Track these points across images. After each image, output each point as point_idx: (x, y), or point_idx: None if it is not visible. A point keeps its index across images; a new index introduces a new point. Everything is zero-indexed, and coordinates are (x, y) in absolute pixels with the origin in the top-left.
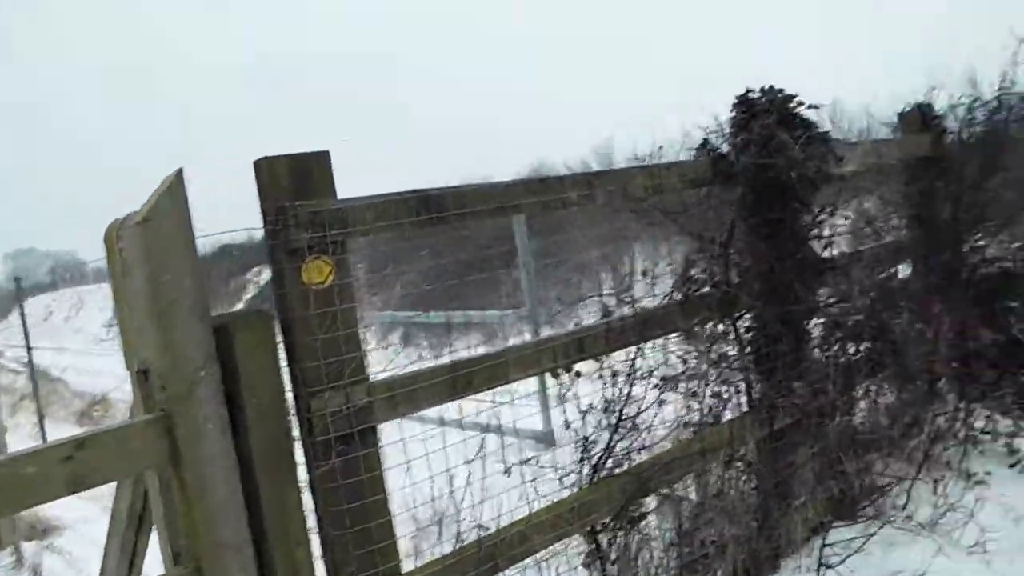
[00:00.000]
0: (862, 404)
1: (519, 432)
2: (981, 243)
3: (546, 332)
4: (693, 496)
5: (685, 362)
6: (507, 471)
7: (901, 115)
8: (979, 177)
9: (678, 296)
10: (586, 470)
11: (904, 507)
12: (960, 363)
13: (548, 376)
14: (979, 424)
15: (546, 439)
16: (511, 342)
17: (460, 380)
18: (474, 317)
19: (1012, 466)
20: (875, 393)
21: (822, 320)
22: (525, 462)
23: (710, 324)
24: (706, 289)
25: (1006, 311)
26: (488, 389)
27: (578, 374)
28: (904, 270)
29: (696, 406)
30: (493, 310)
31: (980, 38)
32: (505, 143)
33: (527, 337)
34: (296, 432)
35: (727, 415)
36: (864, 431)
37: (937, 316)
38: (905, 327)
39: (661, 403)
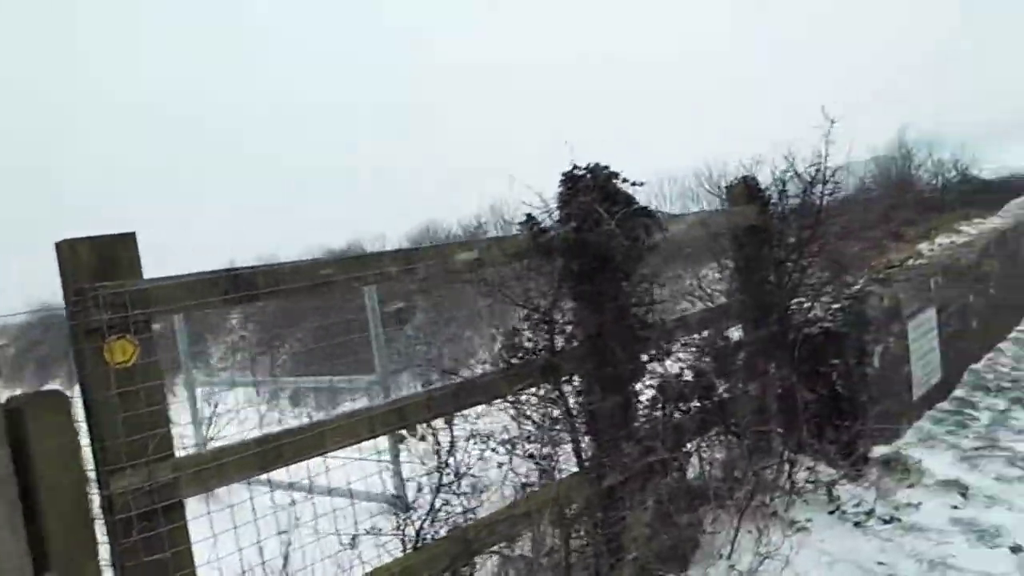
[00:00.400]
0: (693, 460)
1: (370, 495)
2: (805, 306)
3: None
4: (528, 554)
5: (521, 425)
6: (352, 540)
7: (728, 187)
8: (798, 245)
9: (502, 364)
10: (410, 534)
11: (728, 556)
12: (788, 418)
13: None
14: (803, 475)
15: (399, 503)
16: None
17: (270, 453)
18: (322, 383)
19: (831, 512)
20: (705, 449)
21: (652, 382)
22: (356, 537)
23: (537, 389)
24: (532, 356)
25: (829, 368)
26: (301, 460)
27: (402, 439)
28: (735, 332)
29: (524, 468)
30: (358, 375)
31: (797, 115)
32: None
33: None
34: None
35: (557, 475)
36: (695, 486)
37: (765, 374)
38: (733, 386)
39: (499, 465)
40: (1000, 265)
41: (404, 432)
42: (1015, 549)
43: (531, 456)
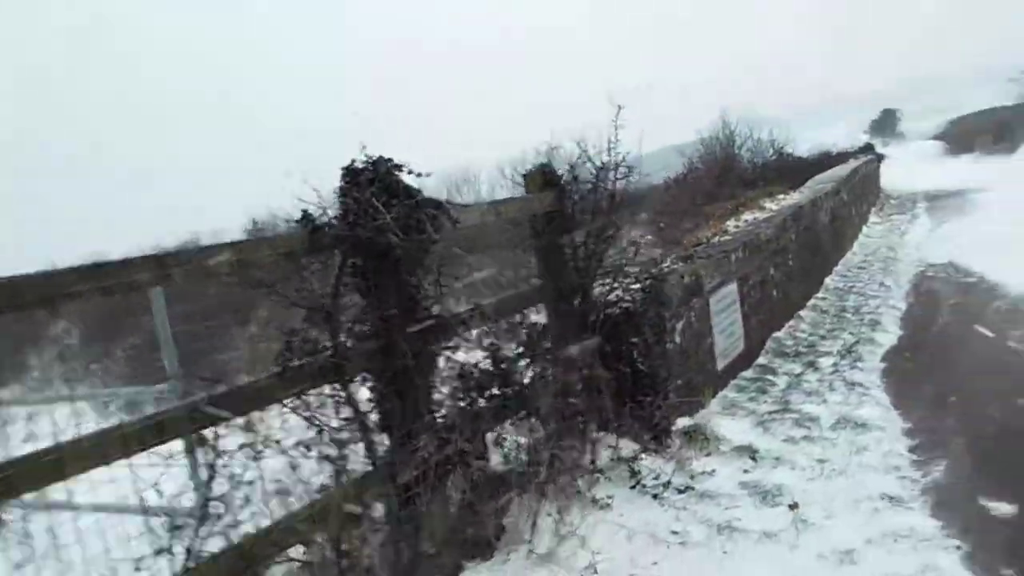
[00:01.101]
0: (499, 447)
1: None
2: (604, 287)
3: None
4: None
5: (311, 427)
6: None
7: (525, 175)
8: (595, 228)
9: (276, 368)
10: (180, 553)
11: (530, 540)
12: (592, 397)
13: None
14: (605, 453)
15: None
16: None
17: None
18: (121, 394)
19: (632, 487)
20: (508, 436)
21: (450, 374)
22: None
23: (322, 389)
24: (312, 357)
25: (629, 346)
26: (39, 489)
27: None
28: (539, 317)
29: (316, 471)
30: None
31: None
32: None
33: None
34: None
35: (348, 476)
36: (500, 473)
37: (569, 357)
38: (536, 370)
39: (292, 469)
40: (797, 238)
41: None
42: (792, 506)
43: (326, 458)
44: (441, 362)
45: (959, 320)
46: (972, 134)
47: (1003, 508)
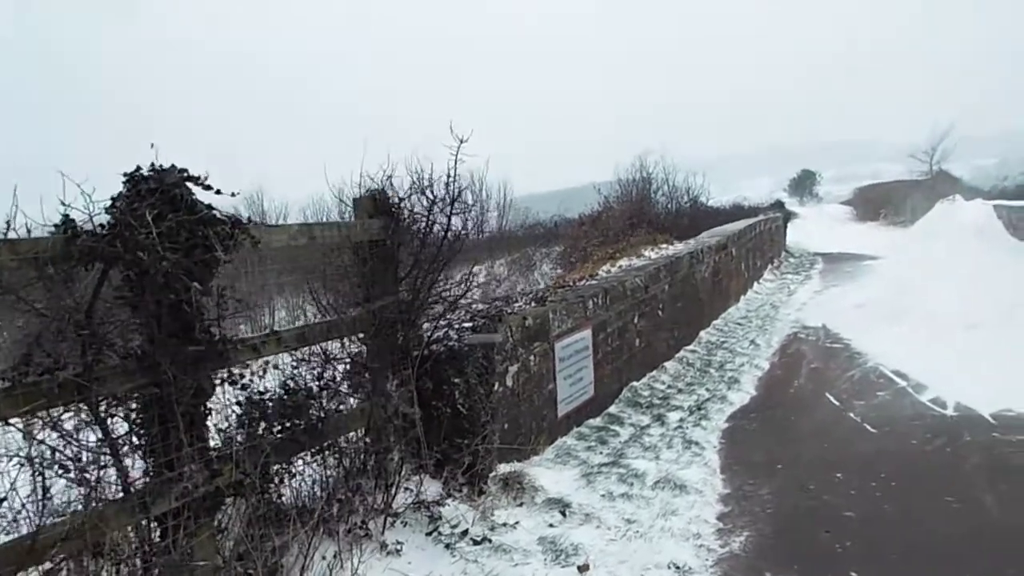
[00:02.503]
0: (286, 481)
1: None
2: (428, 324)
3: None
4: None
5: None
6: None
7: (355, 200)
8: (425, 261)
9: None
10: None
11: None
12: (406, 436)
13: None
14: (404, 496)
15: None
16: None
17: None
18: None
19: (429, 534)
20: (297, 470)
21: (239, 400)
22: None
23: (65, 409)
24: (51, 374)
25: (452, 387)
26: None
27: None
28: (353, 347)
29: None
30: None
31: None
32: None
33: None
34: None
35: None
36: (282, 509)
37: (382, 392)
38: (338, 405)
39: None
40: (670, 288)
41: None
42: (582, 568)
43: (78, 482)
44: (222, 388)
45: (813, 386)
46: (878, 203)
47: None
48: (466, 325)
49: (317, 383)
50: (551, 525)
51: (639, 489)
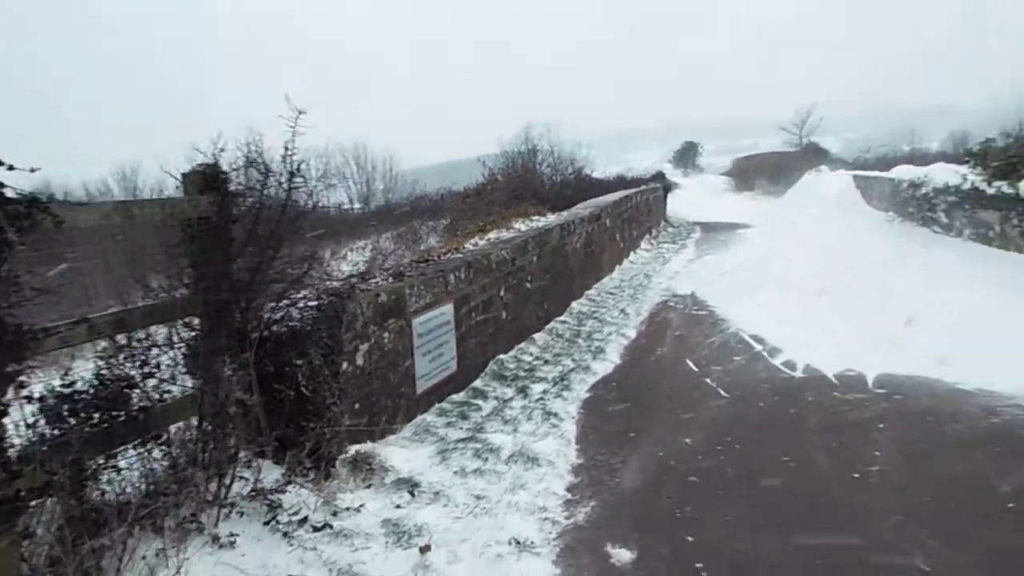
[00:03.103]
0: (108, 477)
1: None
2: (270, 303)
3: None
4: None
5: None
6: None
7: (184, 175)
8: (263, 238)
9: None
10: None
11: None
12: (247, 421)
13: None
14: (239, 485)
15: None
16: None
17: None
18: None
19: (267, 523)
20: (117, 464)
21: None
22: None
23: None
24: None
25: (295, 368)
26: None
27: None
28: (188, 332)
29: None
30: None
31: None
32: None
33: None
34: None
35: None
36: (98, 507)
37: (216, 377)
38: (158, 393)
39: None
40: (539, 260)
41: None
42: (424, 548)
43: None
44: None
45: (675, 353)
46: (754, 174)
47: (623, 556)
48: (311, 304)
49: (140, 371)
50: (398, 506)
51: (493, 464)
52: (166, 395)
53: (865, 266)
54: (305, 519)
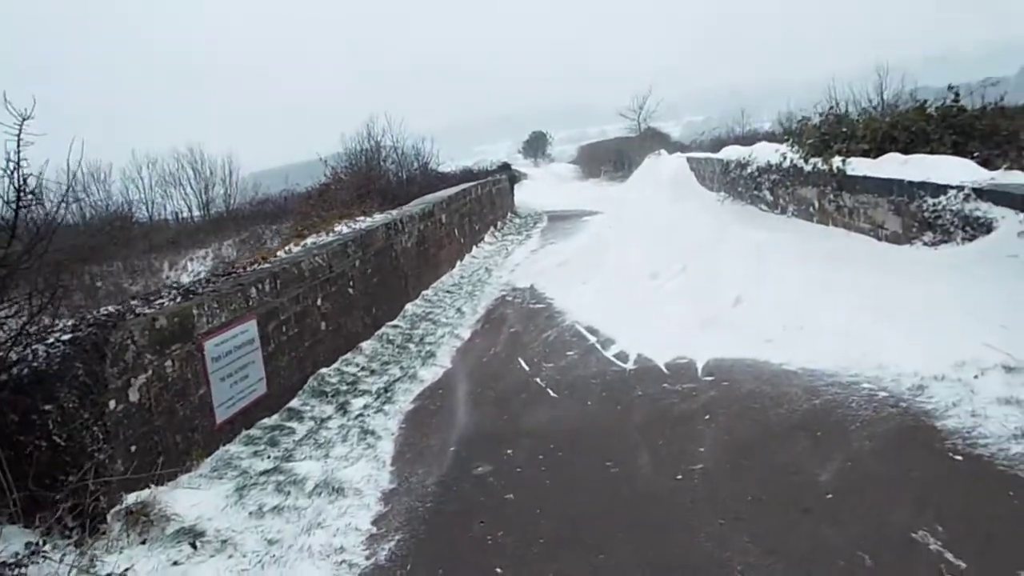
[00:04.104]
0: None
1: None
2: (5, 341)
3: None
4: None
5: None
6: None
7: None
8: None
9: None
10: None
11: None
12: None
13: None
14: None
15: None
16: None
17: None
18: None
19: None
20: None
21: None
22: None
23: None
24: None
25: (44, 415)
26: None
27: None
28: None
29: None
30: None
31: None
32: None
33: None
34: None
35: None
36: None
37: None
38: None
39: None
40: (362, 264)
41: None
42: None
43: None
44: None
45: (508, 352)
46: (600, 160)
47: None
48: (64, 338)
49: None
50: (175, 563)
51: (294, 499)
52: None
53: (694, 247)
54: None
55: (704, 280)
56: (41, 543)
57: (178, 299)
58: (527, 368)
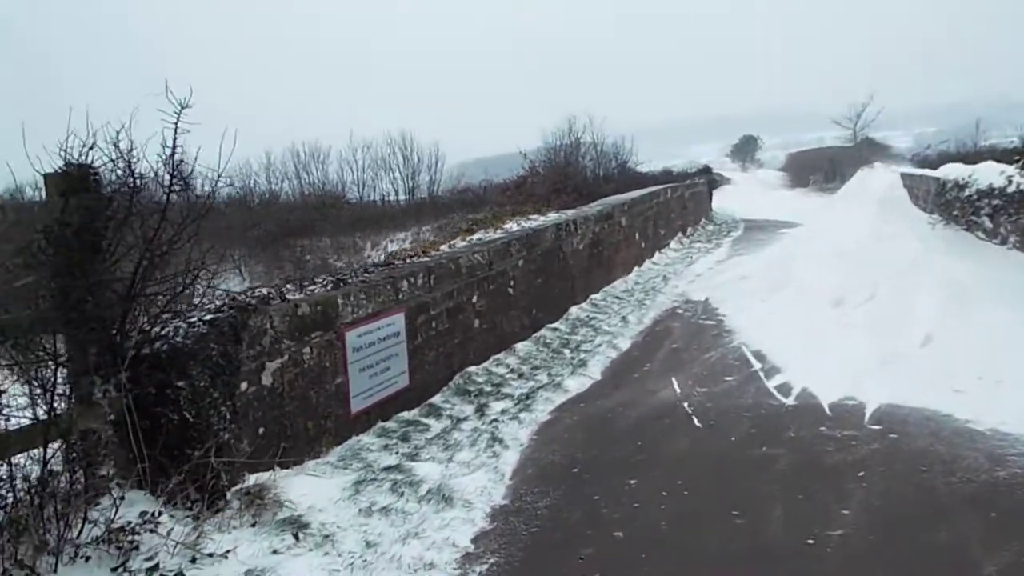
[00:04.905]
0: None
1: None
2: (144, 318)
3: None
4: None
5: None
6: None
7: (46, 177)
8: (143, 245)
9: None
10: None
11: None
12: (121, 449)
13: None
14: (98, 524)
15: None
16: None
17: None
18: None
19: (115, 570)
20: None
21: None
22: None
23: None
24: None
25: (176, 390)
26: None
27: None
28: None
29: None
30: None
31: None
32: None
33: None
34: None
35: None
36: None
37: (80, 399)
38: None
39: None
40: (526, 263)
41: None
42: None
43: None
44: None
45: (663, 370)
46: (810, 169)
47: None
48: (205, 318)
49: None
50: (275, 551)
51: (405, 501)
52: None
53: (889, 274)
54: (156, 567)
55: (893, 311)
56: (157, 513)
57: (329, 287)
58: (678, 391)
